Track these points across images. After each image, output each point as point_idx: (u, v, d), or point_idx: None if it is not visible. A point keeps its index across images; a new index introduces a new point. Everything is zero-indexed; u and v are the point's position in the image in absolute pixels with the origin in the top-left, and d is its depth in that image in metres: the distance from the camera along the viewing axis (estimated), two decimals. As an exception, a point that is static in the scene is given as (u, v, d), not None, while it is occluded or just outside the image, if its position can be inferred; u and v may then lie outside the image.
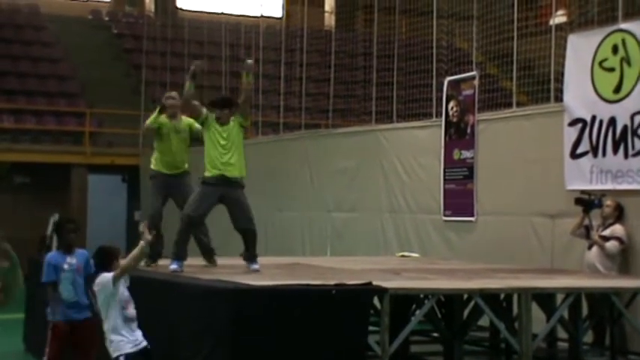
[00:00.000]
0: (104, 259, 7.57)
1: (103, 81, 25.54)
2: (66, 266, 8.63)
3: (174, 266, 9.32)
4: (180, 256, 9.39)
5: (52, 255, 8.81)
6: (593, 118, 11.40)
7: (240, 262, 9.66)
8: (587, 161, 11.46)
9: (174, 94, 10.48)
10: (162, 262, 9.97)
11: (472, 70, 14.27)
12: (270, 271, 9.62)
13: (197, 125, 10.08)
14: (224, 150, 9.38)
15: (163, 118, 10.31)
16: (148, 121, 10.39)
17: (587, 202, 10.95)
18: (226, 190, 9.42)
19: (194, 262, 10.24)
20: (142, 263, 9.78)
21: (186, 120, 10.38)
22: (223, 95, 10.92)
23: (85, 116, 23.92)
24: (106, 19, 29.53)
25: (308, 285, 7.89)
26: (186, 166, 10.43)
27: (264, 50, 21.18)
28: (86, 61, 26.02)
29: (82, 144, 23.79)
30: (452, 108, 14.12)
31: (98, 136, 24.48)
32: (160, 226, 10.12)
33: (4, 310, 9.65)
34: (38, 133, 23.83)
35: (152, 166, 10.45)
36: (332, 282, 7.97)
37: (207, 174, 9.44)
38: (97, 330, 8.05)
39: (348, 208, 16.44)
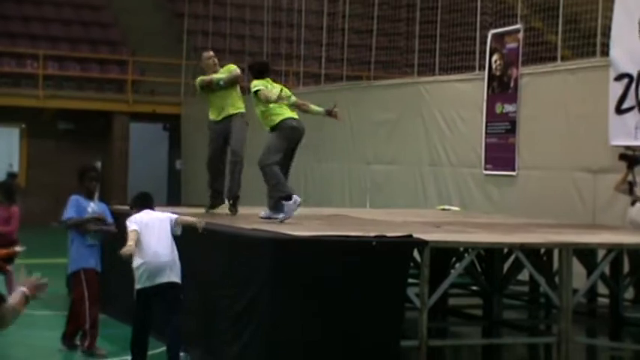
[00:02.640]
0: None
1: (146, 29, 25.54)
2: (89, 209, 8.67)
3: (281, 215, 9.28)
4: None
5: (75, 196, 8.72)
6: (640, 73, 11.24)
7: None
8: (632, 117, 11.33)
9: (211, 53, 10.58)
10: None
11: (516, 24, 14.10)
12: (310, 222, 9.65)
13: (236, 68, 10.34)
14: None
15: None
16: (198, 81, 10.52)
17: (632, 158, 10.83)
18: None
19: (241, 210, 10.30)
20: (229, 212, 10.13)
21: (226, 68, 10.47)
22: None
23: (128, 64, 24.00)
24: (149, -33, 29.43)
25: (348, 236, 7.91)
26: (238, 108, 10.34)
27: (307, 0, 21.04)
28: (129, 8, 26.03)
29: (124, 92, 23.91)
30: (495, 61, 13.99)
31: (140, 85, 24.57)
32: (221, 168, 10.39)
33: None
34: (81, 80, 23.98)
35: (209, 116, 10.53)
36: (372, 234, 7.98)
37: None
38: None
39: (388, 161, 16.41)
